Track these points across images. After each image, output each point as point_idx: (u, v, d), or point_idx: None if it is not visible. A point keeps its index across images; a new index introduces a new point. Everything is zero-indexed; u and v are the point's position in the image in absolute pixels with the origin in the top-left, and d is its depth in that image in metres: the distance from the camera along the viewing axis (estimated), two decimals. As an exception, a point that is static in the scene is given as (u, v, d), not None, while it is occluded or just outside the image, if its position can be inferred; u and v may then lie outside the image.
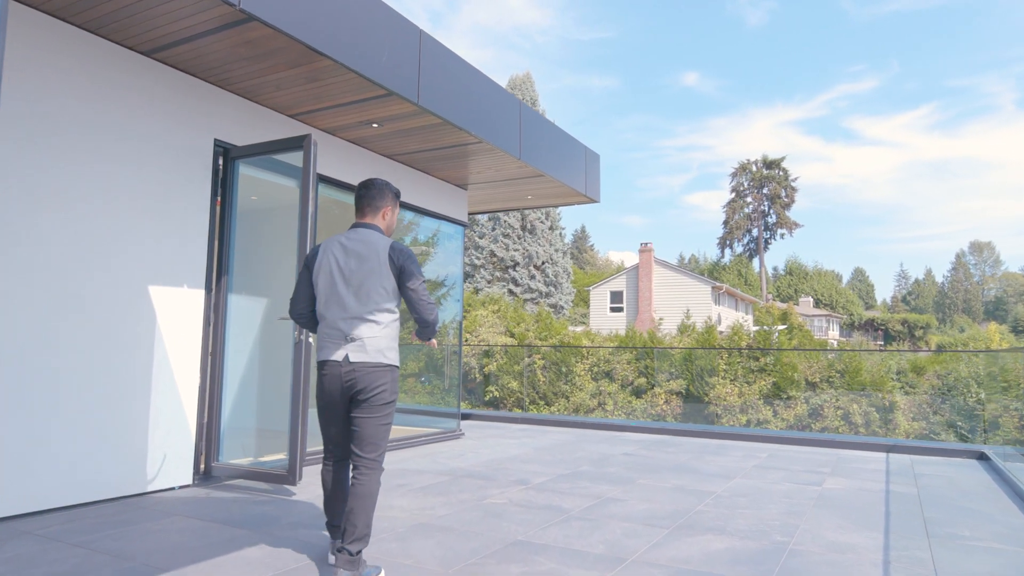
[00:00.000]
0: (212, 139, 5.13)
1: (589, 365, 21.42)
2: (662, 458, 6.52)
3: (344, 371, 2.95)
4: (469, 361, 23.34)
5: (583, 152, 8.23)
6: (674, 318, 31.79)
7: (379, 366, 2.96)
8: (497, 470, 5.74)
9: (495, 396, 22.78)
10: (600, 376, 21.21)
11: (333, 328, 3.01)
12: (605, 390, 20.62)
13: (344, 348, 2.96)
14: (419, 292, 3.00)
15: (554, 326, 25.61)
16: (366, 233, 3.09)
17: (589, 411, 20.49)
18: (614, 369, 20.81)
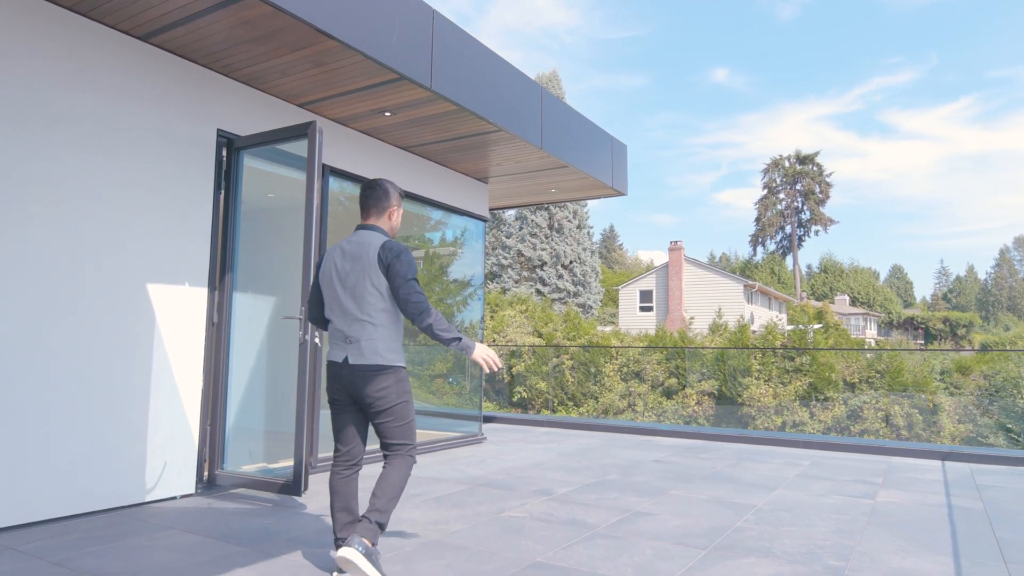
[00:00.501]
0: (215, 129, 4.87)
1: (618, 365, 21.00)
2: (696, 465, 6.10)
3: (344, 373, 2.96)
4: (496, 361, 22.99)
5: (609, 142, 7.83)
6: (705, 317, 31.11)
7: (377, 368, 2.93)
8: (518, 478, 5.38)
9: (523, 397, 22.48)
10: (630, 377, 20.78)
11: (335, 330, 3.04)
12: (635, 391, 20.18)
13: (345, 350, 2.98)
14: (404, 291, 2.92)
15: (582, 326, 25.21)
16: (364, 234, 3.09)
17: (618, 412, 20.07)
18: (644, 369, 20.35)
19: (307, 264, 4.39)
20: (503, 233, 36.06)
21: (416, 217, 7.24)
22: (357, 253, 3.01)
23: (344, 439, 3.07)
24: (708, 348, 19.51)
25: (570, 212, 35.93)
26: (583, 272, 35.59)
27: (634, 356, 20.66)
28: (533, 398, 21.92)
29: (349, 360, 2.95)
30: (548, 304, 32.24)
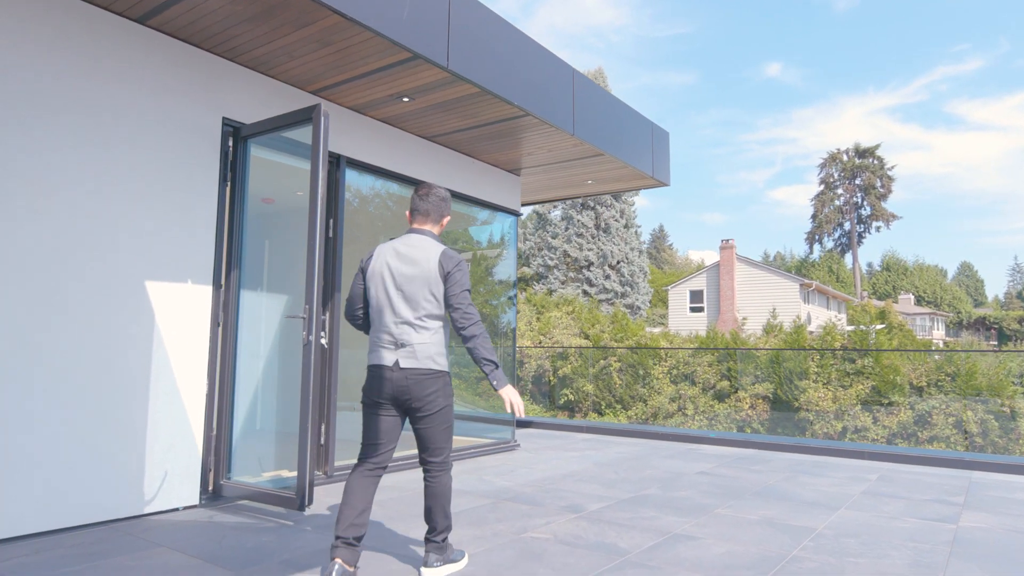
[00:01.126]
0: (220, 117, 4.59)
1: (668, 367, 20.34)
2: (746, 479, 5.52)
3: (395, 376, 2.95)
4: (543, 364, 22.62)
5: (649, 129, 7.31)
6: (759, 318, 29.96)
7: (429, 372, 2.96)
8: (548, 492, 4.93)
9: (569, 400, 22.02)
10: (680, 379, 20.10)
11: (385, 333, 3.01)
12: (685, 394, 19.49)
13: (395, 353, 2.97)
14: (459, 301, 2.97)
15: (630, 327, 24.57)
16: (421, 239, 3.09)
17: (668, 416, 19.43)
18: (695, 372, 19.64)
19: (311, 260, 4.05)
20: (549, 234, 35.59)
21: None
22: (415, 257, 3.01)
23: (377, 443, 3.04)
24: (761, 349, 18.62)
25: (617, 211, 35.21)
26: (631, 272, 34.79)
27: (684, 358, 19.96)
28: (580, 401, 21.44)
29: (400, 364, 2.94)
30: (595, 305, 31.60)
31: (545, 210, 36.12)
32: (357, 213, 5.85)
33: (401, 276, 3.00)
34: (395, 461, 5.79)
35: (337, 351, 5.29)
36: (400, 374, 2.93)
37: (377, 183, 5.94)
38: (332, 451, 5.19)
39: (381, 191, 6.09)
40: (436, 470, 3.06)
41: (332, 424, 5.21)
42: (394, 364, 2.95)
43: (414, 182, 6.16)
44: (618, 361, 20.74)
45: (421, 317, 2.97)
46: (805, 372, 17.32)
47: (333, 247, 5.33)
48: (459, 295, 2.97)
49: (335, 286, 5.30)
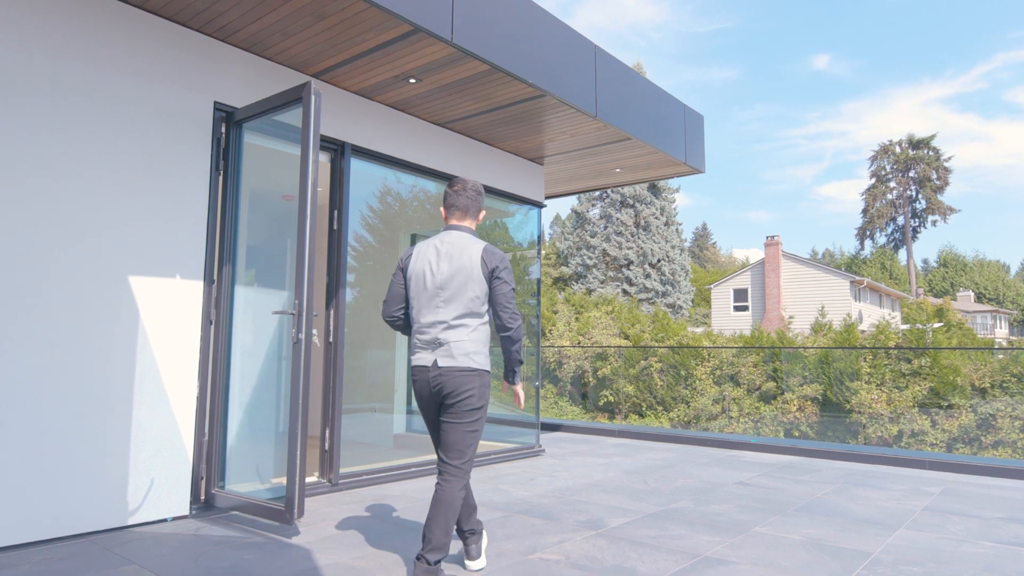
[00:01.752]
0: (212, 102, 4.30)
1: (711, 368, 19.67)
2: (790, 491, 4.99)
3: (432, 376, 2.92)
4: (581, 364, 22.14)
5: (681, 111, 6.80)
6: (806, 317, 28.83)
7: (466, 370, 2.91)
8: (567, 504, 4.50)
9: (609, 401, 21.51)
10: (723, 380, 19.41)
11: (423, 333, 2.98)
12: (729, 395, 18.78)
13: (433, 353, 2.93)
14: (505, 298, 2.95)
15: (671, 327, 23.92)
16: (460, 236, 3.04)
17: (711, 417, 18.77)
18: (739, 372, 18.92)
19: (301, 252, 3.72)
20: (587, 232, 35.03)
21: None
22: (456, 255, 2.96)
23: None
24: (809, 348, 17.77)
25: (657, 209, 34.43)
26: (672, 271, 33.95)
27: (728, 358, 19.25)
28: (620, 402, 20.91)
29: (439, 363, 2.91)
30: (635, 304, 30.90)
31: (583, 208, 35.58)
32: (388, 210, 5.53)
33: (442, 275, 2.95)
34: (405, 468, 5.44)
35: (342, 350, 4.97)
36: (437, 372, 2.91)
37: (386, 171, 5.60)
38: (337, 457, 4.87)
39: (389, 178, 5.75)
40: (449, 474, 2.92)
41: (337, 428, 4.88)
42: (432, 364, 2.93)
43: (426, 171, 5.81)
44: (659, 362, 20.14)
45: (461, 316, 2.93)
46: (857, 373, 16.50)
47: (338, 240, 5.01)
48: (506, 294, 2.94)
49: (340, 281, 4.98)
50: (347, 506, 4.38)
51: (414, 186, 6.07)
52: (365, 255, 6.16)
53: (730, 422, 18.16)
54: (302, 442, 3.64)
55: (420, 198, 6.34)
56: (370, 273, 6.19)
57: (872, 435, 15.44)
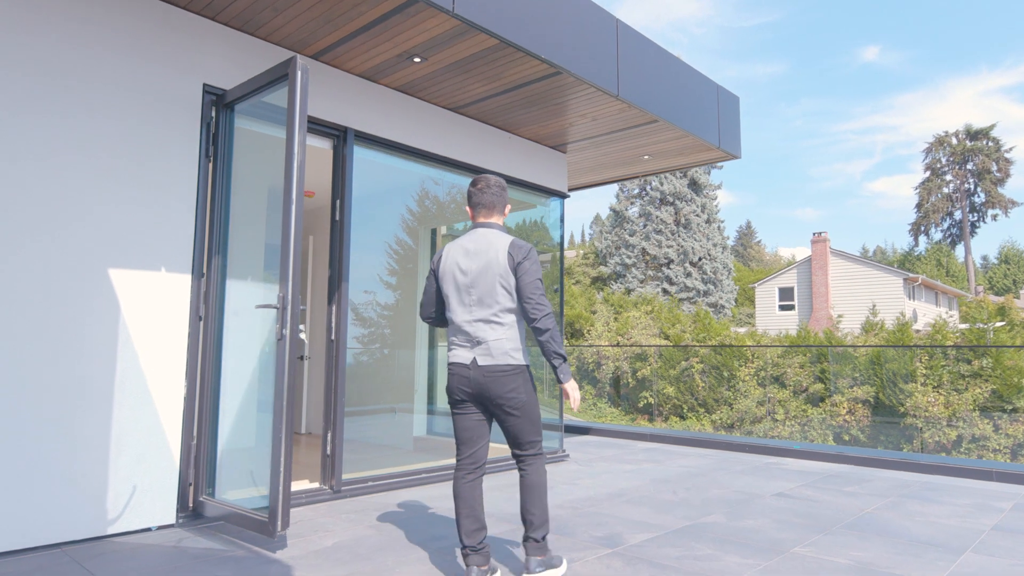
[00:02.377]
0: (200, 84, 4.05)
1: (755, 369, 18.95)
2: (836, 504, 4.49)
3: (473, 375, 2.93)
4: (620, 365, 21.61)
5: (715, 92, 6.33)
6: (856, 316, 27.66)
7: (507, 369, 2.92)
8: (585, 516, 4.10)
9: (649, 403, 20.98)
10: (768, 381, 18.67)
11: (460, 332, 2.99)
12: (774, 397, 18.05)
13: (471, 352, 2.95)
14: (530, 290, 2.91)
15: (713, 326, 23.23)
16: (488, 233, 3.04)
17: (755, 420, 18.08)
18: (784, 373, 18.16)
19: (286, 240, 3.42)
20: (626, 231, 34.39)
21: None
22: (482, 251, 2.97)
23: (469, 442, 3.01)
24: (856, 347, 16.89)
25: (698, 206, 33.59)
26: (714, 269, 33.06)
27: (773, 358, 18.49)
28: (660, 404, 20.37)
29: (478, 362, 2.92)
30: (675, 304, 30.15)
31: (622, 207, 34.94)
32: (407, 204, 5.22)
33: (471, 273, 2.96)
34: (417, 473, 5.12)
35: (345, 348, 4.67)
36: (478, 372, 2.91)
37: (394, 159, 5.29)
38: (339, 462, 4.56)
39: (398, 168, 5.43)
40: (528, 461, 3.00)
41: (339, 431, 4.58)
42: (471, 362, 2.93)
43: (440, 160, 5.48)
44: (700, 362, 19.53)
45: (496, 313, 2.93)
46: (911, 374, 15.64)
47: (340, 231, 4.72)
48: (530, 284, 2.90)
49: (342, 275, 4.68)
50: (347, 515, 4.07)
51: (431, 178, 5.75)
52: (384, 251, 5.89)
53: (775, 425, 17.43)
54: (287, 447, 3.34)
55: (440, 191, 6.03)
56: (391, 270, 5.91)
57: (929, 440, 14.58)
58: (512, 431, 2.98)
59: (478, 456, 3.00)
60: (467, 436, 3.00)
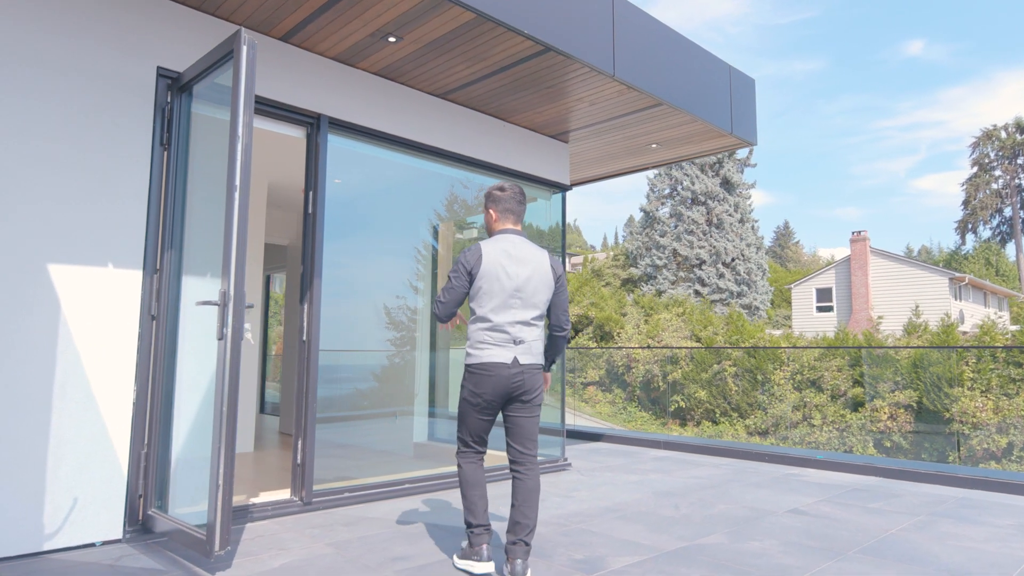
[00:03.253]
0: (154, 67, 3.79)
1: (790, 372, 18.27)
2: (858, 524, 4.01)
3: (513, 372, 3.05)
4: (651, 368, 21.07)
5: (726, 73, 5.87)
6: (898, 317, 26.55)
7: (539, 367, 3.16)
8: (569, 534, 3.71)
9: (680, 407, 20.47)
10: (804, 385, 17.97)
11: (502, 332, 3.09)
12: (811, 401, 17.36)
13: (513, 351, 3.08)
14: (566, 302, 3.25)
15: (747, 328, 22.55)
16: (524, 241, 3.22)
17: (791, 425, 17.45)
18: (821, 377, 17.44)
19: (229, 231, 3.12)
20: (656, 232, 33.70)
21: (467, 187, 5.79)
22: (528, 260, 3.15)
23: (485, 438, 3.22)
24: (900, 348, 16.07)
25: (731, 205, 32.73)
26: (747, 270, 32.14)
27: (809, 362, 17.78)
28: (692, 408, 19.82)
29: (520, 360, 3.07)
30: (707, 306, 29.38)
31: (652, 207, 34.27)
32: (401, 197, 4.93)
33: (520, 278, 3.11)
34: (397, 485, 4.78)
35: (317, 349, 4.36)
36: (519, 370, 3.06)
37: (375, 149, 4.98)
38: (310, 472, 4.26)
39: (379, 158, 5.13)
40: (531, 463, 3.11)
41: (310, 439, 4.28)
42: (513, 361, 3.06)
43: (427, 150, 5.15)
44: (733, 365, 18.90)
45: (536, 317, 3.14)
46: (958, 378, 14.84)
47: (313, 225, 4.42)
48: (566, 298, 3.25)
49: (315, 271, 4.38)
50: (311, 531, 3.76)
51: (430, 172, 5.45)
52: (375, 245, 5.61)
53: (812, 431, 16.74)
54: (226, 458, 3.03)
55: (438, 186, 5.71)
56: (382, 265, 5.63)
57: (976, 447, 13.75)
58: (528, 429, 3.12)
59: (486, 447, 3.27)
60: (485, 434, 3.21)
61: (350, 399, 5.86)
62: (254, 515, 3.98)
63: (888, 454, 15.19)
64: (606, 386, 23.00)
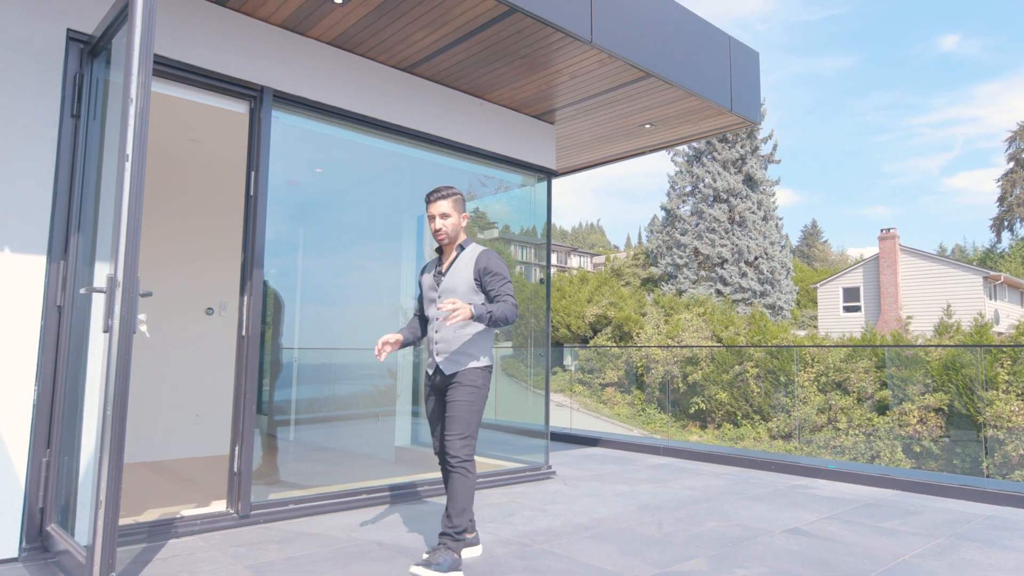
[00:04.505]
0: (64, 29, 3.40)
1: (815, 374, 17.59)
2: (866, 547, 3.46)
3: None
4: (670, 369, 20.47)
5: (725, 44, 5.34)
6: (929, 317, 25.55)
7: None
8: (527, 557, 3.23)
9: (700, 409, 19.92)
10: (830, 387, 17.29)
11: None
12: (836, 404, 16.67)
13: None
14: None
15: (770, 329, 21.83)
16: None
17: (815, 429, 16.82)
18: (847, 379, 16.74)
19: (119, 209, 2.69)
20: (677, 230, 32.94)
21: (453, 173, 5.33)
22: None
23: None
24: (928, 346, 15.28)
25: (753, 202, 31.85)
26: (771, 269, 31.24)
27: (835, 363, 17.07)
28: (712, 410, 19.24)
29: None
30: (729, 306, 28.59)
31: (673, 205, 33.52)
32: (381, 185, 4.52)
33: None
34: (314, 500, 4.34)
35: (257, 347, 3.93)
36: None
37: (334, 128, 4.55)
38: (247, 482, 3.83)
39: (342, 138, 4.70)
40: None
41: (247, 445, 3.85)
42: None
43: (389, 128, 4.71)
44: (755, 366, 18.22)
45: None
46: (992, 380, 14.06)
47: (254, 208, 4.00)
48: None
49: (255, 260, 3.96)
50: (235, 550, 3.33)
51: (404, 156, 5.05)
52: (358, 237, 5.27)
53: (837, 434, 16.06)
54: (111, 472, 2.60)
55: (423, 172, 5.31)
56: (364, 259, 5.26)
57: (1012, 453, 12.98)
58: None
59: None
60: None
61: (329, 400, 5.50)
62: (179, 530, 3.57)
63: (918, 459, 14.48)
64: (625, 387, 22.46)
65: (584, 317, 27.12)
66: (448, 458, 3.00)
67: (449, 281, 3.16)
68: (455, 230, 3.19)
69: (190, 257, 6.00)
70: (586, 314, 27.11)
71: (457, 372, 3.09)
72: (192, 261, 6.01)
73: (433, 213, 3.18)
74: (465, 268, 3.14)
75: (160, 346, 5.67)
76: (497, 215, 6.15)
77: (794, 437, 17.27)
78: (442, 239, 3.20)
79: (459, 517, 2.96)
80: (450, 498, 2.99)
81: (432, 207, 3.18)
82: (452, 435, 3.00)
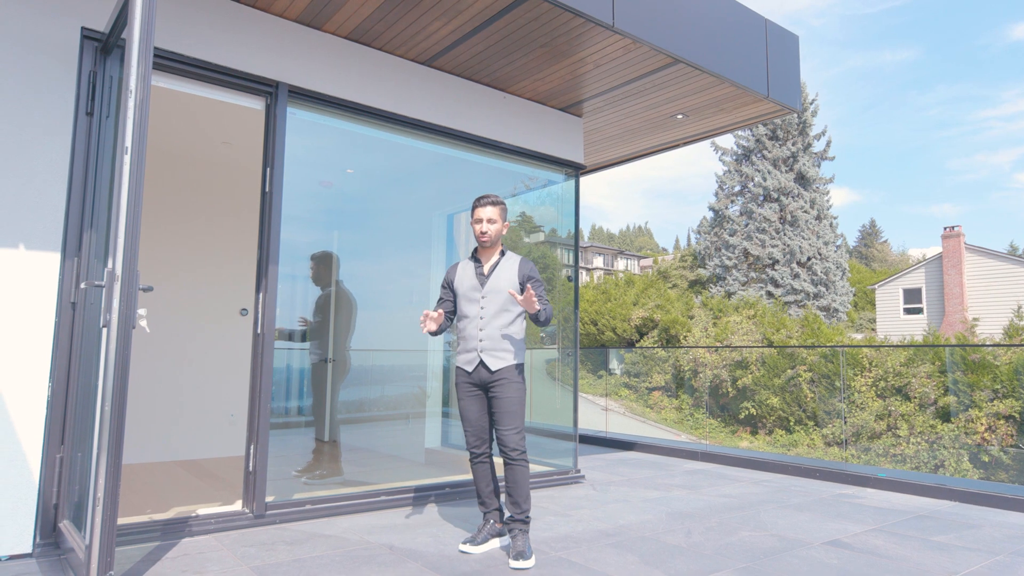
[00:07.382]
0: (78, 27, 3.42)
1: (873, 379, 16.84)
2: (914, 563, 3.17)
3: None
4: (719, 373, 19.95)
5: (761, 27, 5.08)
6: (997, 319, 24.22)
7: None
8: (541, 565, 3.06)
9: (751, 414, 19.30)
10: (889, 393, 16.53)
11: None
12: (896, 410, 15.92)
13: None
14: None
15: (824, 332, 21.04)
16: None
17: (874, 436, 16.09)
18: (908, 384, 15.96)
19: (117, 202, 2.66)
20: (726, 231, 32.16)
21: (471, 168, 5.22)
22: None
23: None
24: (996, 346, 14.44)
25: (806, 201, 30.83)
26: (825, 270, 30.16)
27: (895, 367, 16.31)
28: (763, 415, 18.61)
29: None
30: (781, 308, 27.68)
31: (721, 205, 32.74)
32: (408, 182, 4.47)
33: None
34: (333, 501, 4.24)
35: (272, 345, 3.89)
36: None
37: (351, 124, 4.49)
38: (262, 482, 3.78)
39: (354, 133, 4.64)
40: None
41: (263, 444, 3.80)
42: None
43: (406, 123, 4.62)
44: (808, 370, 17.56)
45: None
46: (1069, 386, 13.16)
47: (269, 205, 3.96)
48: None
49: (270, 256, 3.92)
50: (245, 550, 3.27)
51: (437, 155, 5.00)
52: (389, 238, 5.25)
53: (898, 442, 15.32)
54: (110, 470, 2.57)
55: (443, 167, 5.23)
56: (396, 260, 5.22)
57: (1094, 464, 12.11)
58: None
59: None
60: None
61: (361, 401, 5.49)
62: (193, 529, 3.53)
63: (986, 469, 13.68)
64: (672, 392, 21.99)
65: (630, 320, 26.69)
66: (508, 451, 3.22)
67: (493, 283, 3.39)
68: (498, 235, 3.45)
69: (227, 259, 6.06)
70: (632, 317, 26.68)
71: (501, 368, 3.29)
72: (228, 263, 6.06)
73: (481, 217, 3.41)
74: (509, 271, 3.41)
75: (196, 347, 5.73)
76: (530, 213, 6.02)
77: (849, 444, 16.60)
78: (485, 241, 3.42)
79: (526, 502, 3.23)
80: (513, 488, 3.23)
81: (481, 211, 3.41)
82: (509, 429, 3.23)
